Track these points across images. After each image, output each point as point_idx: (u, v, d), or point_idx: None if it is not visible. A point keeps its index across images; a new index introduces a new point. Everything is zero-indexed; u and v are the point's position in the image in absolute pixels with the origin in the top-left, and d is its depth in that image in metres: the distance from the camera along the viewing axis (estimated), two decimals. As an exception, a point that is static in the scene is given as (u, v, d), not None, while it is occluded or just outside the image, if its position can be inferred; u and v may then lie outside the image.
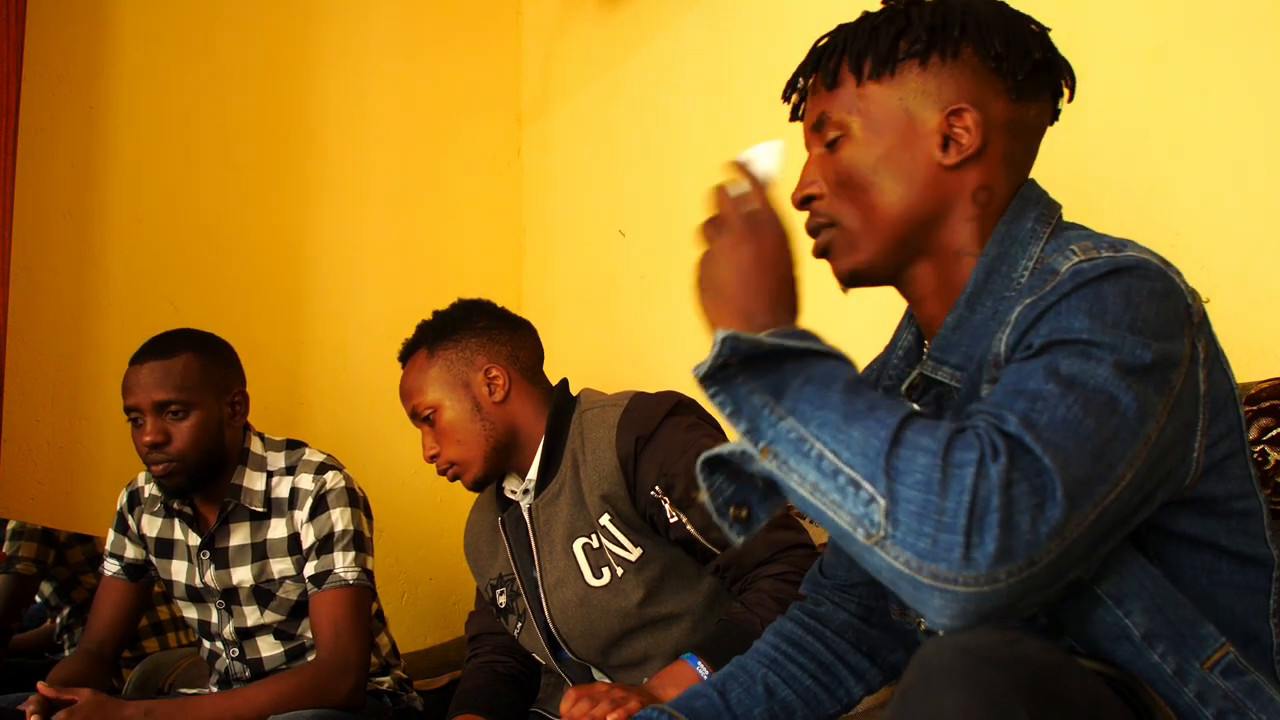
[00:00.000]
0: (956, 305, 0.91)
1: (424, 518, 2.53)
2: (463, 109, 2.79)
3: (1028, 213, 0.92)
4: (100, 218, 2.22)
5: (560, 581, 1.51)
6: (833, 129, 0.95)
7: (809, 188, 0.97)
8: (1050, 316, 0.78)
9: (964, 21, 0.92)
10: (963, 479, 0.67)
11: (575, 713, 1.21)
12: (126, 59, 2.29)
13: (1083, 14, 1.54)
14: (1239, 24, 1.37)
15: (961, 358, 0.89)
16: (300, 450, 1.78)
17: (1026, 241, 0.90)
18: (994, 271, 0.90)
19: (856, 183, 0.93)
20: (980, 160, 0.92)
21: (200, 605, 1.79)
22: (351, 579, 1.68)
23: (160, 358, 1.66)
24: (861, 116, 0.93)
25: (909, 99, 0.92)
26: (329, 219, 2.53)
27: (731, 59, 2.21)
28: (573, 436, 1.53)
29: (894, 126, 0.92)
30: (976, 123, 0.91)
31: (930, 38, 0.92)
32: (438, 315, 1.65)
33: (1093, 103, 1.54)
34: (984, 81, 0.92)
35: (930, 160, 0.92)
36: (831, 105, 0.95)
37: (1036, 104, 0.95)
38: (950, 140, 0.91)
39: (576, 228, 2.68)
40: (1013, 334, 0.80)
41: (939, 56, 0.92)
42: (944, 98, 0.92)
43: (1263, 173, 1.34)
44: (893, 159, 0.92)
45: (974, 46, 0.92)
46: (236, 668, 1.79)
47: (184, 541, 1.78)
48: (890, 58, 0.93)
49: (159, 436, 1.64)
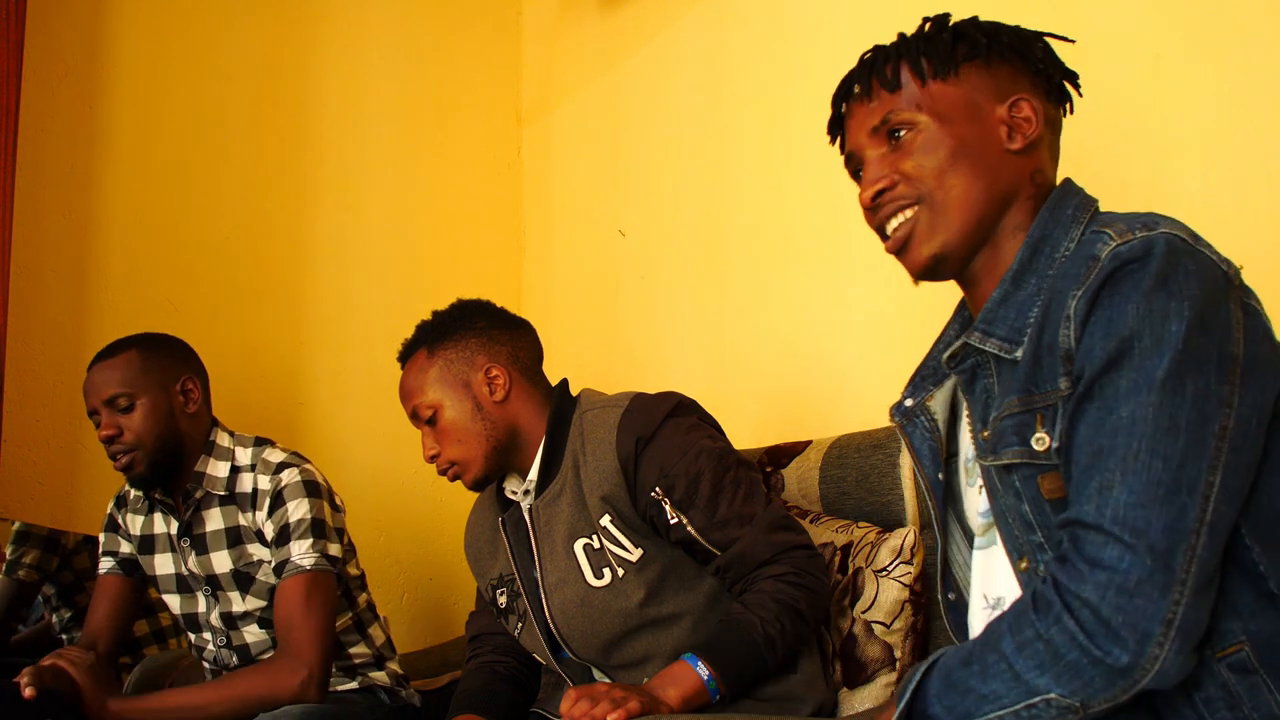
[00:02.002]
0: (1003, 281, 0.97)
1: (424, 518, 2.53)
2: (463, 109, 2.79)
3: (1069, 200, 0.99)
4: (100, 218, 2.23)
5: (561, 582, 1.51)
6: (902, 125, 1.00)
7: (881, 182, 1.01)
8: (1101, 313, 0.85)
9: (1010, 33, 1.03)
10: (1061, 639, 0.81)
11: (575, 713, 1.21)
12: (126, 59, 2.29)
13: (1083, 14, 1.54)
14: (1239, 24, 1.37)
15: (1008, 330, 0.95)
16: (264, 448, 1.81)
17: (1069, 225, 0.97)
18: (1038, 251, 0.96)
19: (935, 170, 0.99)
20: (1037, 147, 1.01)
21: (187, 595, 1.82)
22: (308, 565, 1.71)
23: (105, 358, 1.76)
24: (929, 112, 1.00)
25: (973, 93, 1.00)
26: (329, 219, 2.53)
27: (731, 59, 2.21)
28: (573, 437, 1.53)
29: (964, 117, 0.99)
30: (1036, 110, 1.00)
31: (988, 40, 1.01)
32: (437, 315, 1.65)
33: (1093, 102, 1.54)
34: (1032, 83, 1.02)
35: (1000, 145, 0.99)
36: (896, 105, 1.01)
37: (1061, 108, 1.05)
38: (1013, 129, 0.99)
39: (576, 228, 2.68)
40: (1074, 328, 0.86)
41: (999, 57, 1.01)
42: (1003, 91, 1.00)
43: (1263, 173, 1.34)
44: (966, 145, 0.99)
45: (1019, 53, 1.02)
46: (224, 655, 1.82)
47: (166, 533, 1.82)
48: (952, 59, 1.01)
49: (112, 430, 1.71)
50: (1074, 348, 0.87)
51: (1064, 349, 0.87)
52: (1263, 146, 1.35)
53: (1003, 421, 0.93)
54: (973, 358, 1.00)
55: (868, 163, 1.03)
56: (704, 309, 2.24)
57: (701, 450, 1.44)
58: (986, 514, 1.00)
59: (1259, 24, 1.35)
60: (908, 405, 1.10)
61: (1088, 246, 0.89)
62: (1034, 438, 0.90)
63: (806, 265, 2.00)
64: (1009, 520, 0.95)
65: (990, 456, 0.95)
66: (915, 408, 1.09)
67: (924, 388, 1.10)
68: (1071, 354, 0.87)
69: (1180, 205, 1.43)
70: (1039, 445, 0.89)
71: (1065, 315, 0.87)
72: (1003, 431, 0.93)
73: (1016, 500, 0.93)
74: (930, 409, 1.08)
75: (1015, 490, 0.92)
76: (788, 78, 2.06)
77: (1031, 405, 0.90)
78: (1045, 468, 0.90)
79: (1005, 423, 0.93)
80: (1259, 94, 1.35)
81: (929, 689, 0.88)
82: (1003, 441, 0.93)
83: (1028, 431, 0.90)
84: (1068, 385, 0.87)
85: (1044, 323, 0.91)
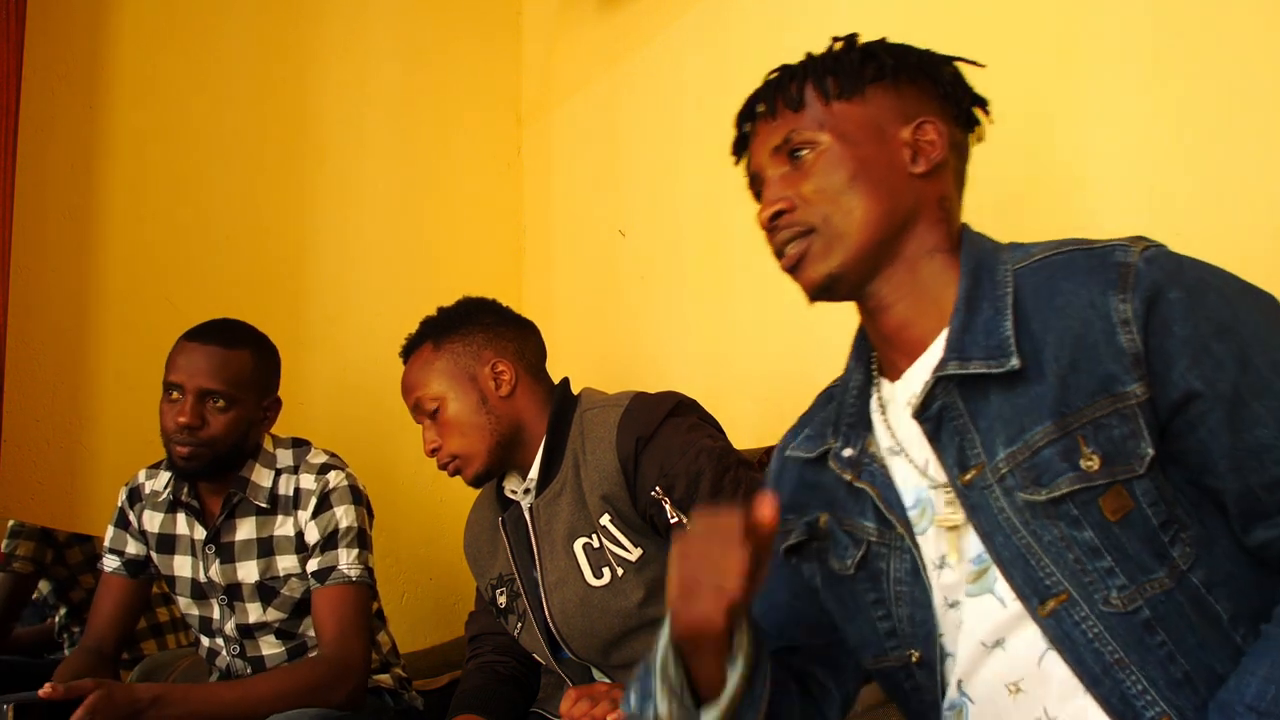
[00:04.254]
0: (957, 311, 0.94)
1: (424, 518, 2.53)
2: (463, 109, 2.79)
3: (980, 236, 1.00)
4: (100, 218, 2.23)
5: (561, 581, 1.51)
6: (804, 145, 0.99)
7: (779, 203, 0.98)
8: (1189, 314, 0.85)
9: (918, 55, 1.02)
10: None
11: (575, 713, 1.21)
12: (126, 59, 2.29)
13: (1083, 15, 1.54)
14: (1239, 24, 1.37)
15: (986, 350, 0.91)
16: (305, 449, 1.79)
17: (995, 252, 0.97)
18: (979, 279, 0.95)
19: (834, 191, 0.97)
20: (943, 171, 0.99)
21: (202, 601, 1.79)
22: (355, 576, 1.68)
23: (220, 345, 1.68)
24: (833, 132, 0.98)
25: (878, 115, 0.99)
26: (329, 219, 2.53)
27: (731, 59, 2.21)
28: (574, 436, 1.53)
29: (867, 138, 0.98)
30: (940, 134, 0.98)
31: (895, 61, 1.00)
32: (443, 311, 1.65)
33: (1092, 103, 1.54)
34: (940, 107, 1.01)
35: (902, 168, 0.98)
36: (798, 124, 0.99)
37: (970, 134, 1.04)
38: (917, 152, 0.98)
39: (576, 228, 2.68)
40: (1137, 331, 0.85)
41: (907, 78, 1.00)
42: (909, 113, 0.99)
43: (1263, 173, 1.34)
44: (867, 167, 0.97)
45: (929, 76, 1.01)
46: (238, 665, 1.79)
47: (188, 536, 1.78)
48: (858, 79, 0.99)
49: (195, 420, 1.65)
50: (1142, 349, 0.85)
51: (1130, 353, 0.85)
52: (1263, 146, 1.35)
53: (1042, 451, 0.88)
54: (939, 400, 0.93)
55: (768, 183, 1.01)
56: (704, 309, 2.24)
57: (702, 450, 1.44)
58: (980, 559, 0.92)
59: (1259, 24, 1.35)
60: (848, 455, 1.02)
61: (1089, 260, 0.89)
62: (1081, 461, 0.86)
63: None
64: (1034, 558, 0.88)
65: (1033, 490, 0.88)
66: (860, 455, 1.01)
67: (858, 434, 1.02)
68: (1141, 356, 0.85)
69: (1180, 205, 1.44)
70: (1089, 466, 0.86)
71: (1115, 321, 0.85)
72: (1047, 461, 0.87)
73: (1074, 529, 0.87)
74: (876, 455, 1.00)
75: (1071, 519, 0.87)
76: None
77: (1069, 427, 0.87)
78: (1103, 488, 0.86)
79: (1046, 452, 0.88)
80: (1260, 94, 1.35)
81: None
82: (1050, 471, 0.87)
83: (1074, 456, 0.86)
84: (1144, 389, 0.85)
85: (1059, 339, 0.88)
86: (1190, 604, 0.84)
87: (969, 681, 0.93)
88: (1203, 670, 0.84)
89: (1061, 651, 0.86)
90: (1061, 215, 1.57)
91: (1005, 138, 1.67)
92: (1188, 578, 0.85)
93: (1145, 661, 0.84)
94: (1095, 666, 0.85)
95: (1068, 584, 0.87)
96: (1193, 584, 0.85)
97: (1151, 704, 0.83)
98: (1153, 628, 0.84)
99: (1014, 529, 0.89)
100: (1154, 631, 0.84)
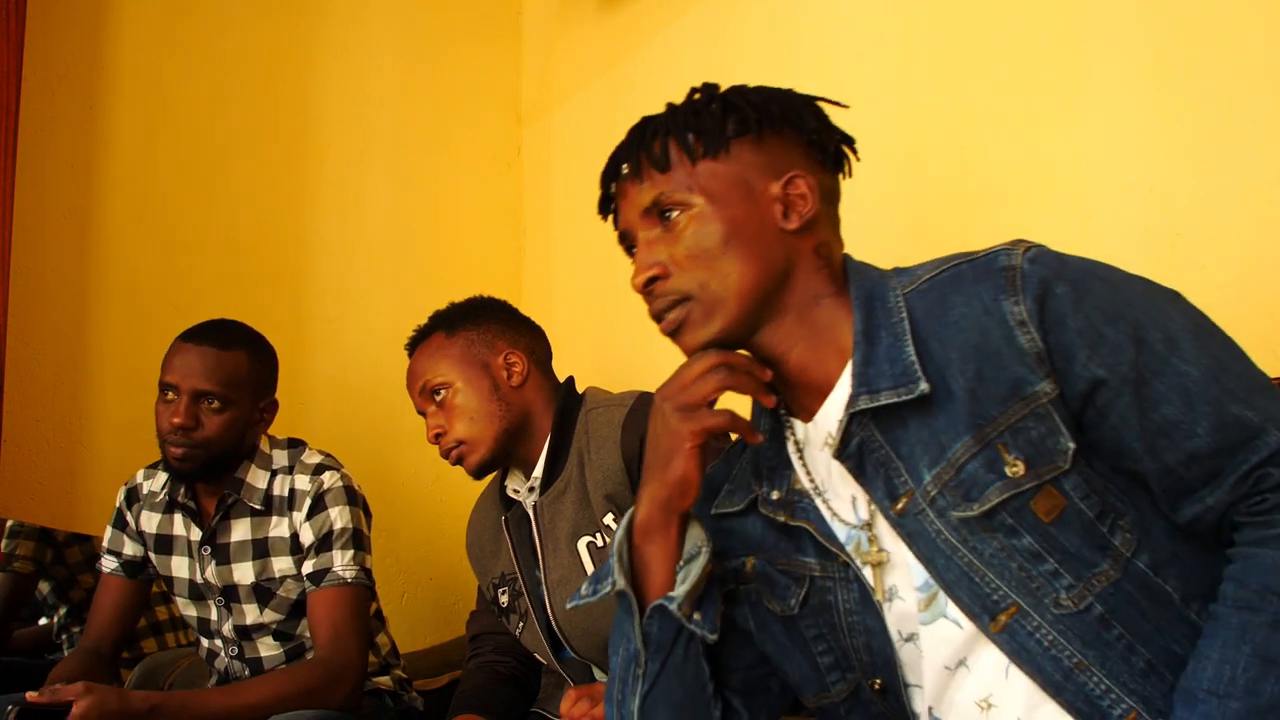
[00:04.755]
0: (856, 346, 0.94)
1: (424, 518, 2.53)
2: (463, 109, 2.79)
3: (865, 267, 1.00)
4: (100, 218, 2.22)
5: (564, 580, 1.51)
6: (674, 206, 0.97)
7: (653, 269, 0.97)
8: (1079, 306, 0.86)
9: (780, 102, 1.00)
10: None
11: (575, 713, 1.21)
12: (126, 59, 2.29)
13: (1083, 17, 1.54)
14: (1238, 25, 1.37)
15: (893, 379, 0.91)
16: (300, 450, 1.79)
17: (882, 280, 0.97)
18: (872, 310, 0.94)
19: (707, 254, 0.95)
20: (815, 224, 0.98)
21: (200, 602, 1.79)
22: (350, 577, 1.68)
23: (215, 346, 1.67)
24: (702, 193, 0.96)
25: (745, 172, 0.97)
26: (329, 219, 2.53)
27: (731, 59, 2.21)
28: (579, 435, 1.53)
29: (737, 198, 0.96)
30: (811, 188, 0.97)
31: (757, 113, 0.98)
32: (455, 304, 1.66)
33: (1092, 104, 1.54)
34: (807, 154, 0.99)
35: (774, 225, 0.96)
36: (667, 186, 0.97)
37: (838, 177, 1.03)
38: (789, 207, 0.97)
39: (576, 228, 2.68)
40: (1035, 329, 0.86)
41: (770, 131, 0.98)
42: (778, 168, 0.98)
43: (1262, 173, 1.35)
44: (740, 228, 0.95)
45: (793, 125, 0.99)
46: (235, 666, 1.79)
47: (185, 537, 1.78)
48: (721, 136, 0.97)
49: (189, 421, 1.64)
50: (1043, 347, 0.86)
51: (1033, 352, 0.86)
52: (1263, 146, 1.35)
53: (966, 466, 0.88)
54: (857, 437, 0.93)
55: (639, 245, 1.00)
56: (704, 309, 2.24)
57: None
58: (926, 585, 0.91)
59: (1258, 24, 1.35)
60: (776, 498, 1.01)
61: (974, 270, 0.90)
62: (1006, 469, 0.87)
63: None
64: (977, 575, 0.88)
65: (965, 506, 0.88)
66: (788, 495, 1.01)
67: (781, 475, 1.02)
68: (1043, 354, 0.86)
69: (1181, 205, 1.44)
70: (1014, 472, 0.86)
71: (1011, 324, 0.86)
72: (973, 476, 0.88)
73: (1012, 538, 0.87)
74: (803, 491, 1.00)
75: (1007, 529, 0.87)
76: (787, 77, 2.05)
77: (987, 438, 0.87)
78: (1032, 491, 0.86)
79: (970, 466, 0.88)
80: (1259, 94, 1.35)
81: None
82: (978, 485, 0.87)
83: (999, 464, 0.87)
84: (1052, 385, 0.86)
85: (961, 353, 0.88)
86: (1140, 591, 0.85)
87: (939, 706, 0.93)
88: (1164, 655, 0.84)
89: (1020, 664, 0.86)
90: (1061, 215, 1.58)
91: (1005, 138, 1.67)
92: (1133, 564, 0.85)
93: (1106, 658, 0.84)
94: (1055, 674, 0.85)
95: (1015, 595, 0.87)
96: (1139, 569, 0.85)
97: (1117, 701, 0.83)
98: (1108, 622, 0.85)
99: (954, 549, 0.89)
100: (1109, 626, 0.85)
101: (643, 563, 0.98)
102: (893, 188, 1.81)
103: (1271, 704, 0.76)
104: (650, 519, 0.97)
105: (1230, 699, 0.77)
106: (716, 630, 0.97)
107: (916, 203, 1.78)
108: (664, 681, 0.97)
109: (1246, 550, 0.81)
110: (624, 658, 0.99)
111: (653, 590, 0.98)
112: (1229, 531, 0.84)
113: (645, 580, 0.98)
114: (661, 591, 0.97)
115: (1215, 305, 1.00)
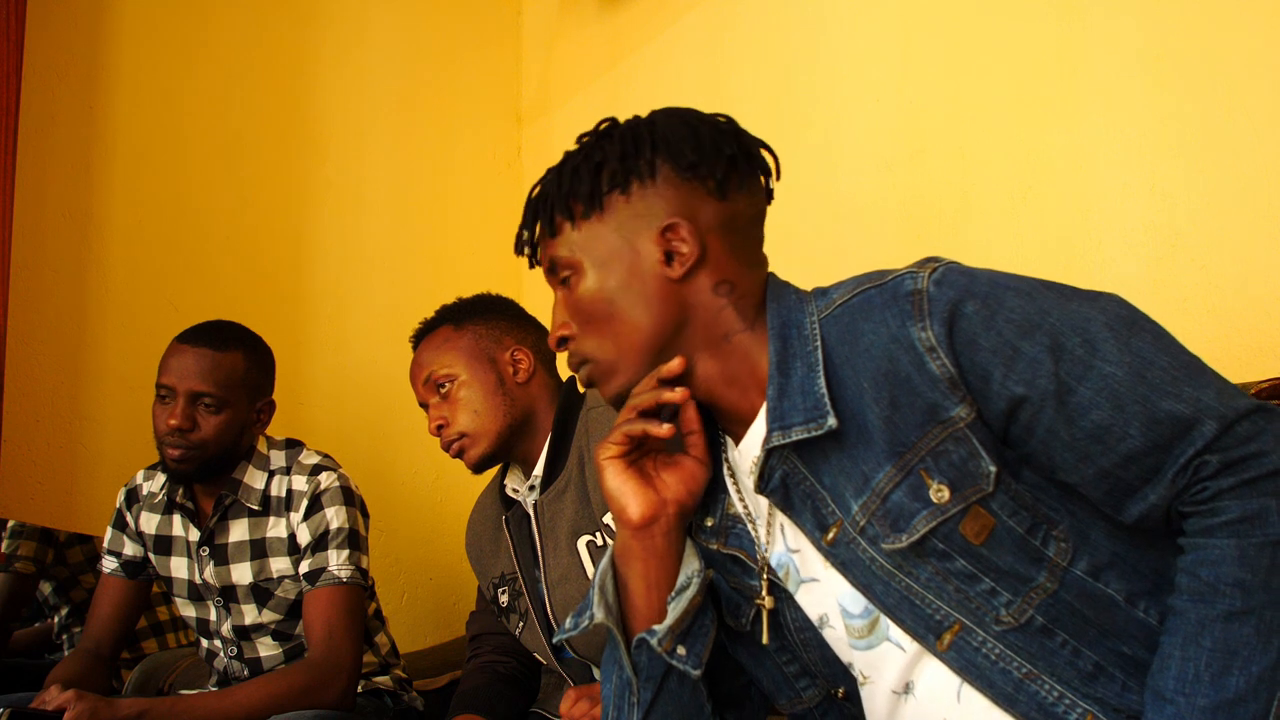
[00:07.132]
0: (771, 379, 0.92)
1: (424, 518, 2.54)
2: (463, 109, 2.79)
3: (785, 291, 0.97)
4: (100, 218, 2.23)
5: (564, 578, 1.51)
6: (565, 270, 0.99)
7: (561, 329, 1.00)
8: (990, 325, 0.83)
9: (653, 140, 0.97)
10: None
11: (575, 713, 1.21)
12: (126, 59, 2.29)
13: (1081, 18, 1.54)
14: (1238, 25, 1.37)
15: (805, 413, 0.90)
16: (298, 450, 1.79)
17: (800, 305, 0.94)
18: (788, 339, 0.93)
19: (599, 316, 0.97)
20: (706, 263, 0.95)
21: (199, 603, 1.79)
22: (345, 577, 1.68)
23: (211, 347, 1.67)
24: (586, 255, 0.97)
25: (623, 228, 0.96)
26: (329, 219, 2.53)
27: (731, 60, 2.21)
28: (579, 434, 1.53)
29: (618, 257, 0.96)
30: (691, 233, 0.94)
31: (624, 165, 0.96)
32: (463, 299, 1.66)
33: (1092, 104, 1.54)
34: (688, 191, 0.96)
35: (660, 277, 0.95)
36: (558, 250, 0.99)
37: (745, 194, 0.98)
38: (672, 255, 0.95)
39: (576, 228, 2.68)
40: (945, 354, 0.84)
41: (638, 181, 0.96)
42: (654, 218, 0.95)
43: (1262, 173, 1.35)
44: (626, 286, 0.96)
45: (668, 162, 0.96)
46: (235, 666, 1.79)
47: (184, 537, 1.79)
48: (595, 195, 0.97)
49: (185, 423, 1.65)
50: (955, 371, 0.84)
51: (944, 378, 0.84)
52: (1263, 147, 1.35)
53: (891, 496, 0.87)
54: (780, 470, 0.93)
55: (555, 303, 1.02)
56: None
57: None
58: (866, 612, 0.91)
59: (1257, 25, 1.35)
60: (710, 525, 1.01)
61: (882, 296, 0.87)
62: (931, 494, 0.85)
63: (806, 263, 2.00)
64: (917, 598, 0.88)
65: (894, 538, 0.87)
66: (721, 521, 1.01)
67: (715, 499, 1.02)
68: (956, 379, 0.84)
69: (1181, 205, 1.44)
70: (940, 498, 0.85)
71: (920, 350, 0.84)
72: (899, 505, 0.87)
73: (945, 562, 0.86)
74: (737, 515, 0.99)
75: (939, 553, 0.86)
76: (787, 77, 2.06)
77: (909, 465, 0.86)
78: (959, 515, 0.85)
79: (895, 495, 0.87)
80: (1259, 94, 1.35)
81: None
82: (904, 514, 0.86)
83: (923, 491, 0.86)
84: (968, 409, 0.84)
85: (874, 382, 0.87)
86: (1079, 598, 0.84)
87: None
88: (1112, 656, 0.84)
89: (970, 679, 0.86)
90: (1062, 215, 1.58)
91: (1005, 138, 1.67)
92: (1070, 572, 0.84)
93: (1054, 665, 0.84)
94: (1006, 686, 0.85)
95: (957, 614, 0.87)
96: (1076, 577, 0.84)
97: (1071, 706, 0.83)
98: (1050, 631, 0.84)
99: (890, 575, 0.88)
100: (1052, 634, 0.84)
101: (626, 589, 0.98)
102: (893, 188, 1.81)
103: (1238, 695, 0.76)
104: (621, 543, 0.98)
105: (1197, 696, 0.77)
106: (701, 665, 0.95)
107: (916, 203, 1.78)
108: (660, 708, 0.97)
109: (1195, 541, 0.81)
110: (617, 685, 0.98)
111: (637, 617, 0.97)
112: (1179, 522, 0.83)
113: (630, 607, 0.98)
114: (647, 618, 0.96)
115: (1215, 305, 1.01)
